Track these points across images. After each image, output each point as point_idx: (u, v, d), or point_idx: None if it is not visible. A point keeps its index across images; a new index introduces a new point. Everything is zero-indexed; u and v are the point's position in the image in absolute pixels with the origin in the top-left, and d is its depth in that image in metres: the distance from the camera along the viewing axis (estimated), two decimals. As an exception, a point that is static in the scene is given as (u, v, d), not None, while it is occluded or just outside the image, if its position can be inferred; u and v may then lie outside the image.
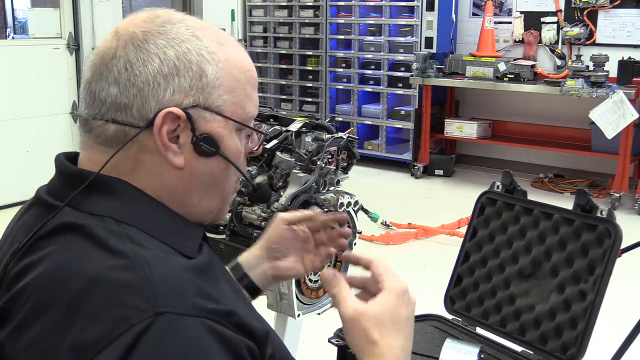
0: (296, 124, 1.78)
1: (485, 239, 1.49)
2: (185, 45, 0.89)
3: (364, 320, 0.94)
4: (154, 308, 0.77)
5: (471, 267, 1.50)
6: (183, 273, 0.82)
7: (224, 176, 0.95)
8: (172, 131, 0.88)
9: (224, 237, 1.73)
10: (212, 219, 0.99)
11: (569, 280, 1.33)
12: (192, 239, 0.93)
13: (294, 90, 7.11)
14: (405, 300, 0.98)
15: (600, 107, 4.98)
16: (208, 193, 0.94)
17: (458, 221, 4.66)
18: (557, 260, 1.36)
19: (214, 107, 0.90)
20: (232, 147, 0.93)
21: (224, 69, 0.91)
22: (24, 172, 4.92)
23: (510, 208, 1.46)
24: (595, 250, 1.31)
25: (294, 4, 6.91)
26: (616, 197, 5.12)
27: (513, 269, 1.42)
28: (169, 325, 0.76)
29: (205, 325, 0.78)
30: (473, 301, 1.48)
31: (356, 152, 1.81)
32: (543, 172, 5.94)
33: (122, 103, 0.87)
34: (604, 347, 1.71)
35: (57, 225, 0.86)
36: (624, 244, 1.57)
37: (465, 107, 6.54)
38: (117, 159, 0.89)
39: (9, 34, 8.26)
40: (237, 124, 0.93)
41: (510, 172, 1.50)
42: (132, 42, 0.88)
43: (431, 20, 6.01)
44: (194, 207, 0.94)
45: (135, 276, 0.79)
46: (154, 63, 0.87)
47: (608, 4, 5.59)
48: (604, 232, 1.31)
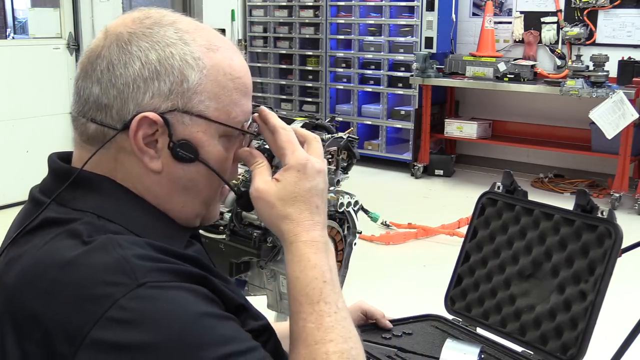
0: (296, 124, 1.78)
1: (485, 239, 1.49)
2: (169, 50, 0.88)
3: (266, 197, 0.94)
4: (135, 281, 0.78)
5: (471, 267, 1.50)
6: (160, 255, 0.83)
7: (206, 182, 0.94)
8: (149, 135, 0.88)
9: (224, 237, 1.73)
10: (200, 221, 0.99)
11: (570, 280, 1.33)
12: (177, 238, 0.93)
13: (294, 90, 7.11)
14: (306, 173, 0.95)
15: (600, 107, 4.98)
16: (190, 198, 0.94)
17: (458, 221, 4.66)
18: (558, 261, 1.36)
19: (195, 112, 0.89)
20: (213, 153, 0.92)
21: (208, 75, 0.89)
22: (24, 172, 4.91)
23: (511, 208, 1.46)
24: (595, 251, 1.31)
25: (294, 4, 6.91)
26: (616, 197, 5.12)
27: (513, 269, 1.42)
28: (153, 292, 0.78)
29: (184, 287, 0.81)
30: (473, 301, 1.48)
31: (356, 152, 1.80)
32: (543, 172, 5.94)
33: (102, 103, 0.88)
34: (604, 347, 1.71)
35: (42, 220, 0.87)
36: (624, 244, 1.57)
37: (465, 107, 6.53)
38: (100, 157, 0.89)
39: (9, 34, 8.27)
40: (220, 128, 0.91)
41: (510, 173, 1.50)
42: (117, 42, 0.88)
43: (431, 20, 6.01)
44: (177, 211, 0.94)
45: (111, 257, 0.80)
46: (135, 65, 0.87)
47: (608, 4, 5.59)
48: (604, 233, 1.31)
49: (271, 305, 1.77)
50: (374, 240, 4.40)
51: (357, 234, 1.83)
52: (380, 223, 4.60)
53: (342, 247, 1.80)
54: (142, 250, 0.82)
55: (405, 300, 3.56)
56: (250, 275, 1.80)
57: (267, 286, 1.77)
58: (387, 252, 4.33)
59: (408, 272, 4.00)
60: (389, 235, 4.50)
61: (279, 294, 1.73)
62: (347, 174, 1.81)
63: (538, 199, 1.50)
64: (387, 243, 4.41)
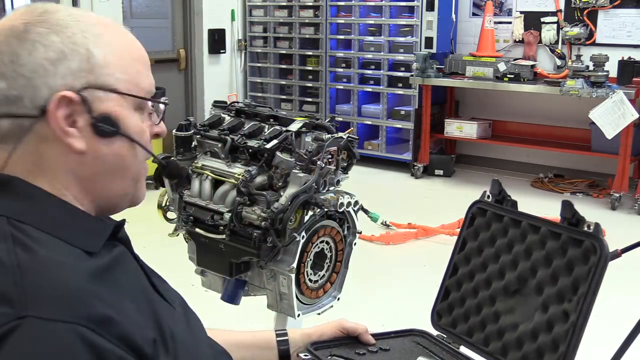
0: (296, 124, 1.78)
1: (474, 251, 1.46)
2: (69, 30, 0.89)
3: None
4: (18, 312, 0.74)
5: (459, 280, 1.47)
6: (67, 277, 0.80)
7: (131, 156, 0.94)
8: (68, 116, 0.87)
9: (224, 237, 1.73)
10: (129, 202, 0.99)
11: (553, 298, 1.28)
12: (96, 234, 0.91)
13: (294, 90, 7.11)
14: None
15: (600, 107, 4.98)
16: (117, 176, 0.94)
17: (458, 221, 4.65)
18: (543, 277, 1.31)
19: (107, 86, 0.90)
20: (133, 126, 0.93)
21: (113, 50, 0.92)
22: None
23: (500, 219, 1.42)
24: (580, 267, 1.25)
25: (294, 4, 6.91)
26: (616, 197, 5.12)
27: (499, 284, 1.38)
28: (33, 330, 0.74)
29: (77, 332, 0.75)
30: (459, 317, 1.44)
31: (356, 152, 1.80)
32: (543, 172, 5.94)
33: (12, 96, 0.86)
34: (604, 347, 1.71)
35: None
36: (624, 244, 1.57)
37: (465, 107, 6.54)
38: (17, 156, 0.88)
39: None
40: (134, 100, 0.93)
41: (499, 182, 1.45)
42: (12, 35, 0.88)
43: (431, 20, 6.01)
44: (105, 192, 0.94)
45: (4, 281, 0.77)
46: (39, 50, 0.87)
47: (608, 4, 5.59)
48: (589, 248, 1.24)
49: (271, 305, 1.77)
50: (374, 240, 4.40)
51: (357, 234, 1.83)
52: (380, 223, 4.60)
53: (342, 247, 1.80)
54: None
55: (405, 300, 3.56)
56: (250, 275, 1.80)
57: (267, 286, 1.77)
58: (387, 252, 4.33)
59: (408, 272, 4.00)
60: (389, 235, 4.50)
61: (279, 294, 1.73)
62: (347, 174, 1.82)
63: (538, 199, 1.50)
64: (387, 243, 4.41)
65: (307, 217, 1.68)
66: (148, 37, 6.48)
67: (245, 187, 1.69)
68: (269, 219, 1.63)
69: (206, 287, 1.93)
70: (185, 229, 1.83)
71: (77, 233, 0.88)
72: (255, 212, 1.66)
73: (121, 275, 0.89)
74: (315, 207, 1.68)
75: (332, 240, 1.77)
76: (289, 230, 1.64)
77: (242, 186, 1.69)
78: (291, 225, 1.65)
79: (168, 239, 1.91)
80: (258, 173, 1.73)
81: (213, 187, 1.79)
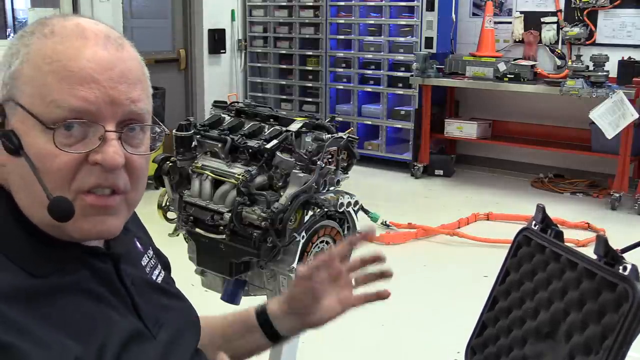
0: (296, 124, 1.78)
1: (514, 284, 1.37)
2: (23, 40, 0.87)
3: None
4: None
5: (496, 315, 1.39)
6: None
7: (33, 181, 0.83)
8: None
9: (224, 237, 1.73)
10: (73, 235, 0.86)
11: (580, 349, 1.19)
12: (45, 257, 0.85)
13: (294, 90, 7.11)
14: None
15: (600, 107, 4.98)
16: (27, 198, 0.85)
17: (458, 221, 4.66)
18: (573, 321, 1.23)
19: (15, 100, 0.84)
20: (34, 147, 0.83)
21: (29, 60, 0.84)
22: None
23: (542, 250, 1.34)
24: (611, 316, 1.14)
25: (294, 4, 6.91)
26: (616, 197, 5.12)
27: (532, 324, 1.33)
28: None
29: None
30: (490, 356, 1.40)
31: (356, 152, 1.81)
32: (543, 172, 5.94)
33: None
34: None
35: None
36: (624, 244, 1.57)
37: (465, 107, 6.53)
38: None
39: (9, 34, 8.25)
40: (40, 121, 0.82)
41: (543, 208, 1.36)
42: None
43: (431, 20, 6.01)
44: (31, 217, 0.86)
45: None
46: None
47: (608, 4, 5.59)
48: (622, 294, 1.13)
49: (271, 305, 1.77)
50: (374, 240, 4.39)
51: (357, 234, 1.83)
52: (380, 223, 4.60)
53: (342, 247, 1.80)
54: None
55: (405, 300, 3.56)
56: (250, 275, 1.80)
57: (267, 286, 1.77)
58: (387, 252, 4.30)
59: (408, 272, 4.00)
60: (389, 235, 4.50)
61: (279, 294, 1.73)
62: (347, 174, 1.82)
63: (538, 199, 1.48)
64: (387, 243, 4.41)
65: (307, 217, 1.68)
66: (148, 37, 6.48)
67: (245, 187, 1.69)
68: (269, 219, 1.63)
69: (206, 287, 1.93)
70: (185, 229, 1.83)
71: (21, 253, 0.84)
72: (255, 212, 1.66)
73: (57, 305, 0.83)
74: (315, 207, 1.68)
75: (332, 240, 1.77)
76: (289, 230, 1.65)
77: (242, 186, 1.69)
78: (291, 225, 1.65)
79: (168, 239, 1.91)
80: (258, 173, 1.73)
81: (213, 187, 1.79)
